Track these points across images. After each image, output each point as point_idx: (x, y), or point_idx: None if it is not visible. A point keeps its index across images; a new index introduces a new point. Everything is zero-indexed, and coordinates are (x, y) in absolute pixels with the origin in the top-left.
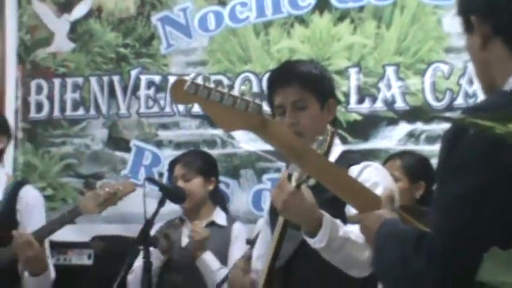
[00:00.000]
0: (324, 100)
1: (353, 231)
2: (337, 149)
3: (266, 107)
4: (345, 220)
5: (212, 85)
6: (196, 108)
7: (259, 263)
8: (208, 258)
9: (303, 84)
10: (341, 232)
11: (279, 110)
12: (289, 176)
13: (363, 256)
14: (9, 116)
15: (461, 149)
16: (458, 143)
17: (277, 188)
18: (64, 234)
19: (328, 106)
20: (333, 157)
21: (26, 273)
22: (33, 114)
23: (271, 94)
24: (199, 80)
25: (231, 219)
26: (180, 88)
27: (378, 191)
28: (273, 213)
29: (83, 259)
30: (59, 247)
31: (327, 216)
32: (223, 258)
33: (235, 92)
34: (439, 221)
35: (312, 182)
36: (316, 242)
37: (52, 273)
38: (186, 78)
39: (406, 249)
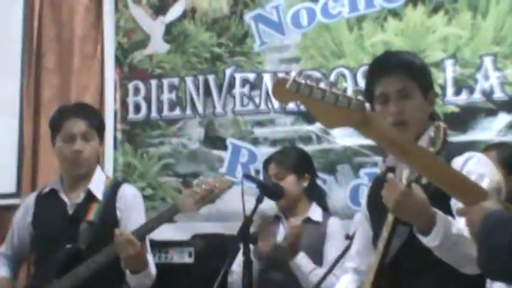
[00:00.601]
0: (427, 90)
1: (463, 226)
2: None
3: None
4: (451, 214)
5: (313, 82)
6: (291, 105)
7: (358, 258)
8: (301, 262)
9: (407, 73)
10: (454, 229)
11: (381, 99)
12: (392, 170)
13: (473, 251)
14: (109, 117)
15: None
16: None
17: (388, 187)
18: (165, 232)
19: (430, 97)
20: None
21: (127, 271)
22: (131, 115)
23: (372, 83)
24: (301, 78)
25: (327, 215)
26: (282, 87)
27: (484, 183)
28: (372, 207)
29: (184, 257)
30: (160, 246)
31: (440, 214)
32: (318, 255)
33: (337, 88)
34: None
35: (424, 181)
36: (430, 241)
37: (153, 270)
38: (286, 76)
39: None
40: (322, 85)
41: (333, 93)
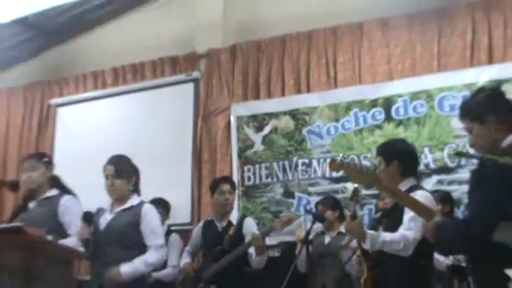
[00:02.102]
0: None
1: (388, 235)
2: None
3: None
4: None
5: (351, 160)
6: (327, 174)
7: None
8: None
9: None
10: (381, 238)
11: None
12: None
13: (399, 246)
14: (237, 184)
15: (484, 173)
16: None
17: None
18: (267, 240)
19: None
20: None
21: (253, 255)
22: (246, 182)
23: None
24: (343, 159)
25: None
26: (334, 162)
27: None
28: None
29: (275, 253)
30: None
31: (369, 232)
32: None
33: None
34: (472, 211)
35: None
36: (365, 245)
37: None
38: (336, 157)
39: (456, 226)
40: (355, 162)
41: (362, 166)
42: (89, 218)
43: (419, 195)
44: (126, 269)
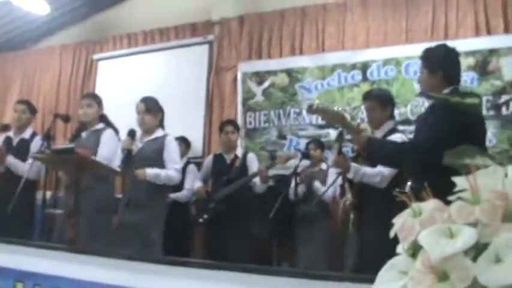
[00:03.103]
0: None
1: (368, 169)
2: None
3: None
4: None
5: (324, 107)
6: (313, 121)
7: None
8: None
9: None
10: (361, 171)
11: None
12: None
13: (376, 179)
14: (240, 127)
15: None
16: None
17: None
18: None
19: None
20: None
21: (258, 182)
22: (248, 126)
23: None
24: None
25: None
26: (311, 107)
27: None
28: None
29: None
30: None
31: (353, 164)
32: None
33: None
34: (424, 136)
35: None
36: (349, 175)
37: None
38: (312, 104)
39: (400, 146)
40: (325, 107)
41: (330, 109)
42: (132, 133)
43: (395, 138)
44: (150, 171)
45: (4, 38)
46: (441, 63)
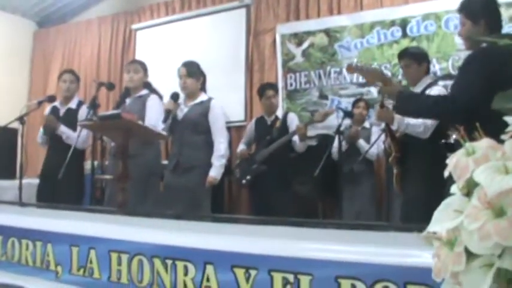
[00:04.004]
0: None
1: (412, 119)
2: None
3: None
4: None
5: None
6: (355, 80)
7: None
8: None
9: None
10: (405, 120)
11: None
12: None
13: (420, 129)
14: (280, 88)
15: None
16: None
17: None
18: (309, 131)
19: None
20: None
21: (298, 141)
22: (289, 87)
23: None
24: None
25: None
26: (350, 66)
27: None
28: None
29: (313, 142)
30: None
31: (396, 116)
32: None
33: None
34: (461, 86)
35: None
36: (393, 126)
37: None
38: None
39: (432, 97)
40: (365, 65)
41: (370, 68)
42: (175, 96)
43: (435, 91)
44: (214, 172)
45: (44, 13)
46: (483, 12)
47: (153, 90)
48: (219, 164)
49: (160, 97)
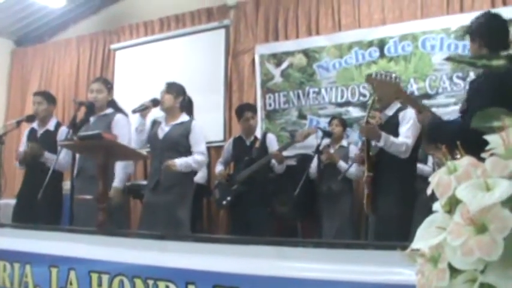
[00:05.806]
0: None
1: (395, 138)
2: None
3: None
4: (397, 134)
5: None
6: (333, 99)
7: None
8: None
9: None
10: (390, 139)
11: None
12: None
13: (402, 148)
14: (259, 109)
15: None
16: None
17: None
18: (288, 152)
19: None
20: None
21: (276, 164)
22: (267, 107)
23: None
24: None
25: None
26: (369, 77)
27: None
28: None
29: (292, 161)
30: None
31: (383, 133)
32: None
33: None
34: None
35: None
36: (379, 143)
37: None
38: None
39: (460, 123)
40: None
41: (388, 77)
42: (156, 102)
43: (409, 112)
44: (180, 161)
45: (22, 32)
46: (480, 30)
47: (118, 109)
48: (189, 160)
49: (126, 115)
